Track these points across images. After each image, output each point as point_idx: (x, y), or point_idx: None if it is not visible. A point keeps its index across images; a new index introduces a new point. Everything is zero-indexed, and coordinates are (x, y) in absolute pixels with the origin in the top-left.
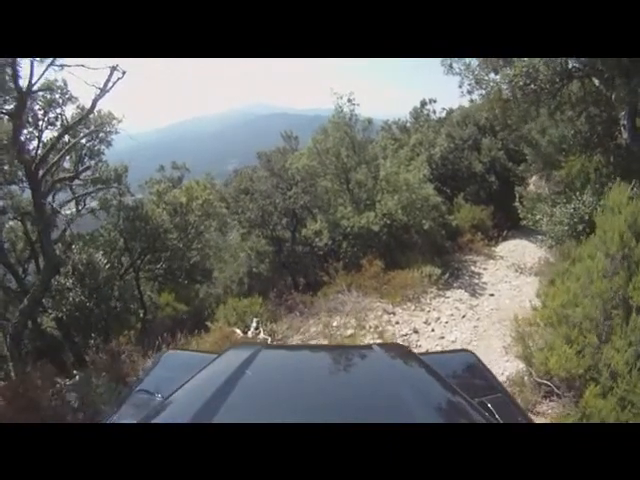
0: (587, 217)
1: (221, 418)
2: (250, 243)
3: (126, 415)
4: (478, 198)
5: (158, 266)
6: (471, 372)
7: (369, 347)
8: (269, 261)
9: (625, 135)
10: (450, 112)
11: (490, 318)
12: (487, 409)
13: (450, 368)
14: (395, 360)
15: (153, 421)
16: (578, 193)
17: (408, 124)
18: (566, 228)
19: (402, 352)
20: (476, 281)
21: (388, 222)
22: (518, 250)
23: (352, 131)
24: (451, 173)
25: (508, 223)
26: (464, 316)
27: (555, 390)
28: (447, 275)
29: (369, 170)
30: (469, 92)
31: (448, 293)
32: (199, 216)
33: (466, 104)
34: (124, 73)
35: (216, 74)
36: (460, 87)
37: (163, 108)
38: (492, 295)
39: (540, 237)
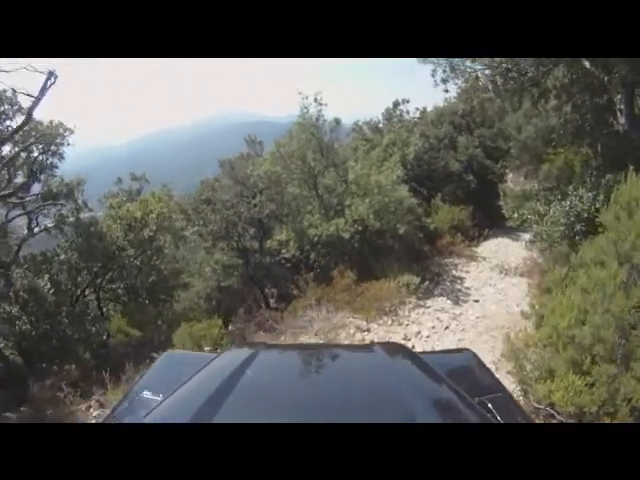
0: (585, 215)
1: (221, 418)
2: (216, 256)
3: (126, 415)
4: (456, 198)
5: (115, 286)
6: (471, 371)
7: (369, 347)
8: (238, 274)
9: (622, 121)
10: (424, 112)
11: (476, 328)
12: (487, 409)
13: (450, 368)
14: (395, 360)
15: (153, 421)
16: (572, 188)
17: (380, 124)
18: (562, 228)
19: (402, 351)
20: (458, 286)
21: (360, 228)
22: (500, 249)
23: (319, 133)
24: (427, 173)
25: (488, 222)
26: (447, 327)
27: (558, 417)
28: (427, 282)
29: (338, 174)
30: (443, 81)
31: (429, 302)
32: (154, 231)
33: (440, 103)
34: (56, 78)
35: (197, 80)
36: (433, 76)
37: (135, 118)
38: (477, 301)
39: (524, 235)
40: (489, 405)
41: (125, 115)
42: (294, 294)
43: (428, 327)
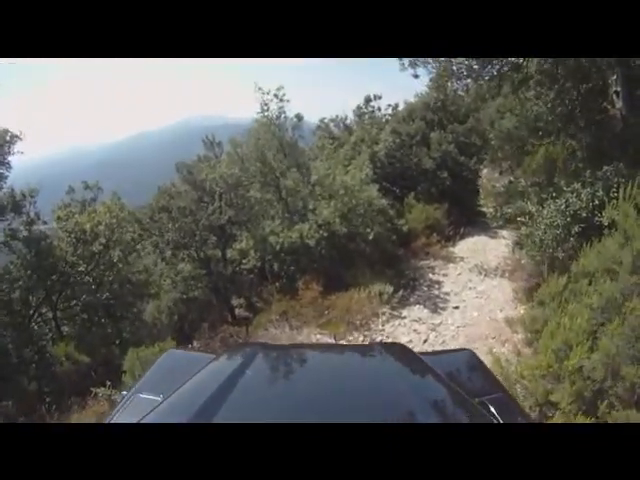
0: (584, 214)
1: (221, 418)
2: (177, 267)
3: (126, 415)
4: (430, 196)
5: (72, 304)
6: (471, 372)
7: (369, 346)
8: (202, 285)
9: (619, 105)
10: (396, 107)
11: (457, 340)
12: (487, 409)
13: (450, 368)
14: (395, 360)
15: (153, 421)
16: (564, 182)
17: (349, 120)
18: (559, 231)
19: (402, 352)
20: (436, 292)
21: (326, 234)
22: (478, 248)
23: (281, 131)
24: (400, 171)
25: (464, 219)
26: (426, 341)
27: None
28: (401, 290)
29: (302, 174)
30: (412, 65)
31: (404, 312)
32: (103, 244)
33: (412, 100)
34: None
35: (167, 85)
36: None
37: (111, 122)
38: (457, 308)
39: (501, 232)
40: (489, 405)
41: (101, 119)
42: (260, 306)
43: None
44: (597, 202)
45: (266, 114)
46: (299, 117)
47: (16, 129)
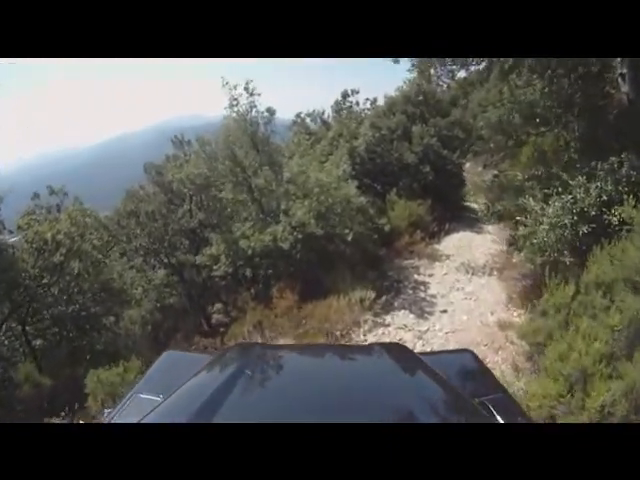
0: (593, 212)
1: (221, 418)
2: (148, 275)
3: (126, 415)
4: (413, 192)
5: (39, 317)
6: (471, 372)
7: (369, 347)
8: (177, 292)
9: (625, 88)
10: (374, 102)
11: (447, 347)
12: (487, 409)
13: (450, 368)
14: (395, 360)
15: (153, 421)
16: (567, 176)
17: (327, 115)
18: (565, 232)
19: (402, 352)
20: (422, 294)
21: (300, 236)
22: (464, 245)
23: (252, 126)
24: (381, 167)
25: (448, 214)
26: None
27: None
28: (385, 295)
29: (275, 172)
30: None
31: (388, 318)
32: (64, 254)
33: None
34: None
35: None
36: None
37: (92, 123)
38: (444, 312)
39: (487, 227)
40: (489, 406)
41: (86, 119)
42: (234, 315)
43: None
44: (605, 198)
45: (235, 110)
46: (271, 111)
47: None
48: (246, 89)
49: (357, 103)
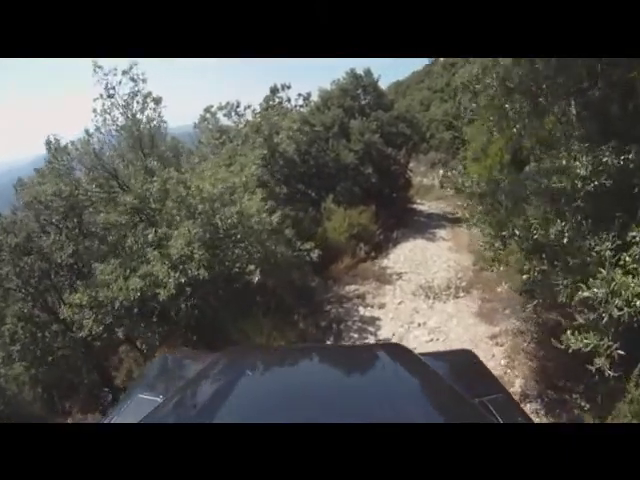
0: None
1: (221, 418)
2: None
3: (126, 416)
4: (353, 197)
5: None
6: (471, 372)
7: (369, 347)
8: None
9: None
10: (308, 97)
11: None
12: (487, 410)
13: (450, 368)
14: (395, 360)
15: (153, 421)
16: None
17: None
18: None
19: (402, 352)
20: (371, 337)
21: (184, 280)
22: (417, 257)
23: (136, 123)
24: (316, 170)
25: (394, 220)
26: None
27: None
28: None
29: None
30: None
31: None
32: None
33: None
34: None
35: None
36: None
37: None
38: None
39: (439, 232)
40: (489, 406)
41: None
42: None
43: None
44: None
45: (112, 100)
46: (157, 100)
47: None
48: (125, 72)
49: (289, 99)
